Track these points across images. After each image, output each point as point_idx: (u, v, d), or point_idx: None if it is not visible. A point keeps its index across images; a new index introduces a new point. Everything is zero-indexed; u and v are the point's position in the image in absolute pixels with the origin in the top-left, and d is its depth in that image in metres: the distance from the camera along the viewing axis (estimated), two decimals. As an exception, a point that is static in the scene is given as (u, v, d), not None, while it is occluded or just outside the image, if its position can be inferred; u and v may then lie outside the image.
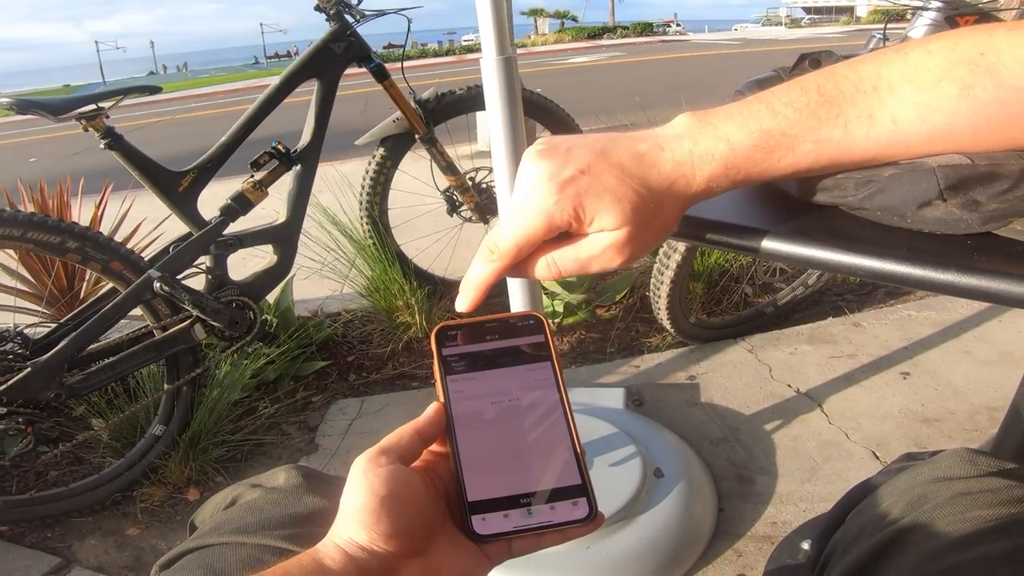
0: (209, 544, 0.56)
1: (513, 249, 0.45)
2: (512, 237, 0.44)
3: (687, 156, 0.44)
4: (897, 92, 0.41)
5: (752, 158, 0.43)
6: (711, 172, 0.44)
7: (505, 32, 1.19)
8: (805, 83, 0.43)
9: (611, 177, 0.43)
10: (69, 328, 1.61)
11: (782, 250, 0.47)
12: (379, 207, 2.29)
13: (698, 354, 2.07)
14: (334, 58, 1.92)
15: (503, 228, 0.45)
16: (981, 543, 0.48)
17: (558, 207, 0.43)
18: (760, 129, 0.43)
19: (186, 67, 56.14)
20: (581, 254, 0.45)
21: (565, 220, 0.43)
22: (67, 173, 2.44)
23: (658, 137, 0.45)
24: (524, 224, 0.44)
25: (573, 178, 0.43)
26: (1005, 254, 0.40)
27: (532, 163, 0.45)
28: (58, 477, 1.80)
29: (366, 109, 7.11)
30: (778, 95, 0.44)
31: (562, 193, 0.43)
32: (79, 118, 1.60)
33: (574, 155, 0.44)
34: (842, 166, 0.45)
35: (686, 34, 32.35)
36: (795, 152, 0.43)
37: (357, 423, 1.94)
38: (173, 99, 15.62)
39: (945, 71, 0.40)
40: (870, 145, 0.42)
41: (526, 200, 0.44)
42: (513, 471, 0.45)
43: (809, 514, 1.42)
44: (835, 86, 0.42)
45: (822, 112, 0.42)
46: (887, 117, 0.41)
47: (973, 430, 1.63)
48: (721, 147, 0.43)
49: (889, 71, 0.42)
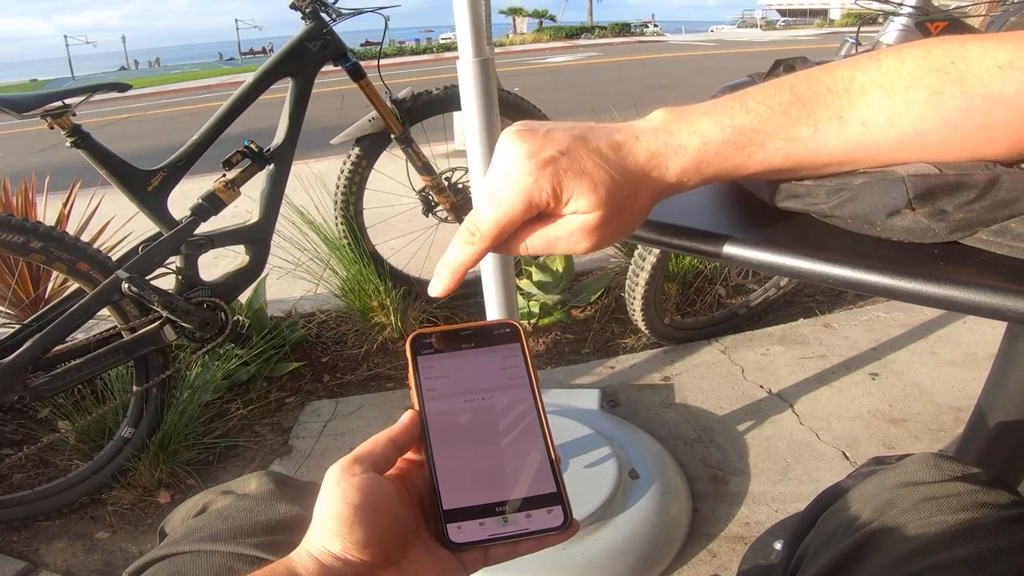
0: (179, 552, 0.55)
1: (495, 231, 0.45)
2: (493, 218, 0.44)
3: (662, 148, 0.44)
4: (868, 95, 0.42)
5: (723, 153, 0.44)
6: (683, 165, 0.44)
7: (482, 34, 1.18)
8: (779, 84, 0.44)
9: (589, 161, 0.43)
10: (33, 329, 1.58)
11: (752, 257, 0.47)
12: (354, 207, 2.27)
13: (672, 355, 2.09)
14: (309, 56, 1.90)
15: (482, 210, 0.45)
16: (946, 548, 0.49)
17: (537, 186, 0.43)
18: (732, 125, 0.44)
19: (158, 62, 55.24)
20: (550, 233, 0.45)
21: (544, 199, 0.43)
22: (32, 170, 2.38)
23: (635, 129, 0.46)
24: (504, 203, 0.44)
25: (553, 158, 0.43)
26: (970, 263, 0.41)
27: (510, 143, 0.44)
28: (23, 480, 1.76)
29: (342, 108, 7.05)
30: (752, 94, 0.45)
31: (541, 172, 0.43)
32: (44, 116, 1.56)
33: (553, 136, 0.44)
34: (812, 167, 0.45)
35: (663, 35, 32.57)
36: (765, 149, 0.44)
37: (332, 424, 1.92)
38: (144, 95, 15.35)
39: (915, 77, 0.41)
40: (839, 146, 0.43)
41: (505, 179, 0.44)
42: (488, 479, 0.45)
43: (781, 514, 1.44)
44: (808, 87, 0.43)
45: (794, 111, 0.43)
46: (857, 119, 0.42)
47: (939, 430, 1.66)
48: (694, 141, 0.44)
49: (862, 76, 0.43)
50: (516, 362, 0.48)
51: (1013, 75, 0.39)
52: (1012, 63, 0.39)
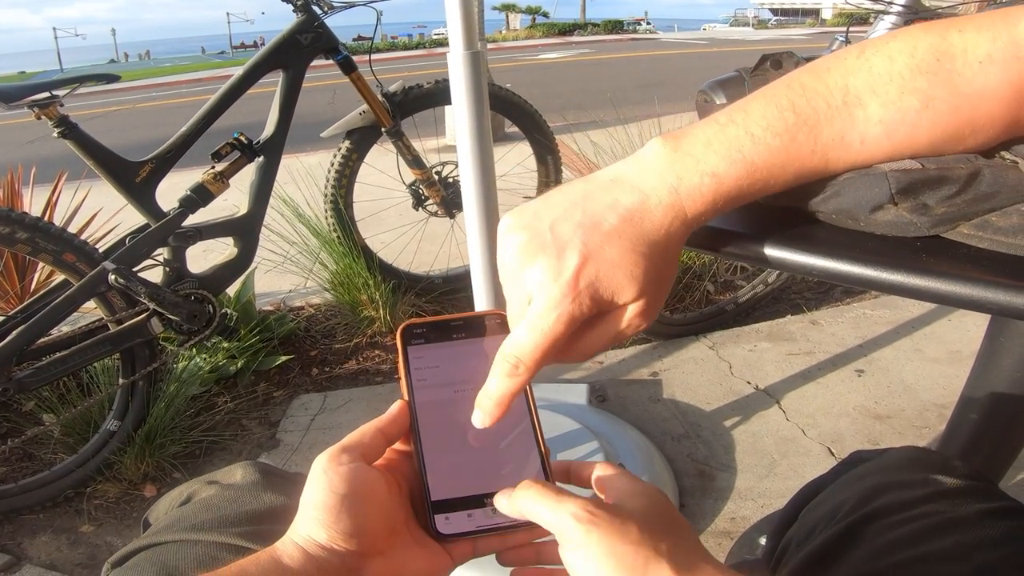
0: (163, 542, 0.55)
1: (540, 358, 0.41)
2: (535, 345, 0.41)
3: (675, 199, 0.41)
4: (865, 107, 0.41)
5: (740, 187, 0.42)
6: (701, 210, 0.42)
7: (473, 27, 1.18)
8: (778, 102, 0.42)
9: (614, 252, 0.40)
10: (18, 321, 1.56)
11: (739, 251, 0.47)
12: (344, 200, 2.26)
13: (661, 351, 2.10)
14: (300, 49, 1.89)
15: (521, 339, 0.41)
16: (927, 540, 0.49)
17: (576, 304, 0.40)
18: (743, 159, 0.41)
19: (148, 55, 54.79)
20: (608, 334, 0.43)
21: (586, 314, 0.41)
22: (19, 162, 2.36)
23: (636, 181, 0.42)
24: (544, 329, 0.40)
25: (579, 271, 0.40)
26: (951, 256, 0.41)
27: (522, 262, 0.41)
28: (7, 473, 1.75)
29: (333, 101, 7.02)
30: (754, 117, 0.42)
31: (575, 291, 0.40)
32: (31, 106, 1.55)
33: (561, 237, 0.41)
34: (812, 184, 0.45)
35: (656, 33, 32.63)
36: (777, 180, 0.42)
37: (320, 418, 1.92)
38: (134, 87, 15.23)
39: (907, 81, 0.41)
40: (840, 167, 0.43)
41: (538, 306, 0.41)
42: (477, 470, 0.45)
43: (767, 510, 1.45)
44: (807, 103, 0.41)
45: (801, 137, 0.41)
46: (857, 138, 0.42)
47: (923, 427, 1.68)
48: (707, 182, 0.41)
49: (855, 82, 0.41)
50: None
51: (993, 69, 0.39)
52: (991, 56, 0.39)
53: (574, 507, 0.39)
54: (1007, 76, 0.39)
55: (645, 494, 0.42)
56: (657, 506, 0.41)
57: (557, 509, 0.39)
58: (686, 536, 0.40)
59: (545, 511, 0.40)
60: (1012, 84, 0.39)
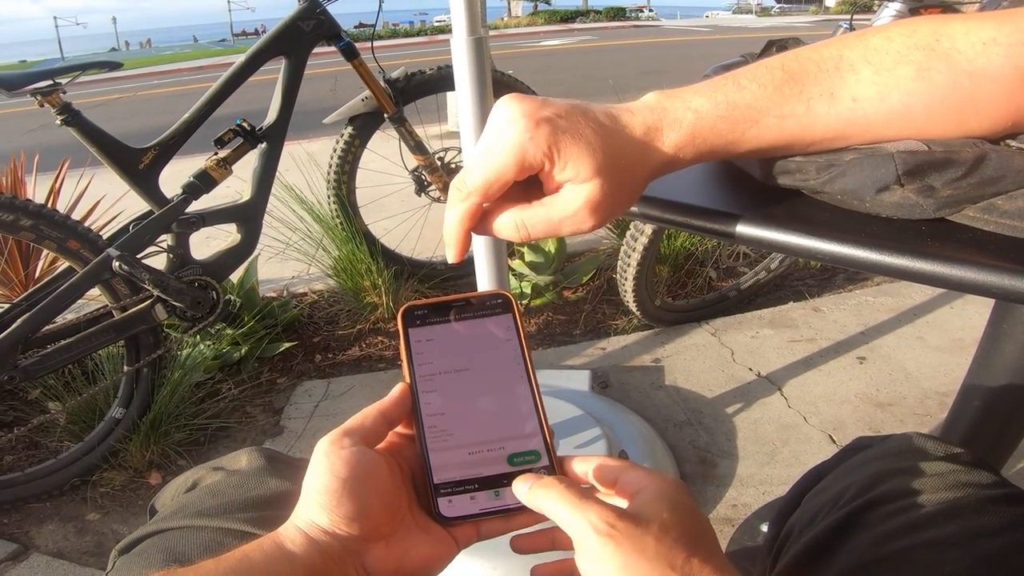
0: (169, 528, 0.55)
1: (483, 185, 0.43)
2: (482, 173, 0.43)
3: (657, 122, 0.44)
4: (857, 72, 0.43)
5: (717, 128, 0.44)
6: (679, 139, 0.44)
7: (476, 12, 1.17)
8: (769, 64, 0.45)
9: (587, 127, 0.43)
10: (23, 308, 1.57)
11: (746, 233, 0.47)
12: (347, 186, 2.26)
13: (663, 337, 2.10)
14: (303, 36, 1.88)
15: (472, 167, 0.44)
16: (930, 527, 0.49)
17: (533, 143, 0.42)
18: (726, 101, 0.44)
19: (149, 44, 54.59)
20: (553, 214, 0.44)
21: (538, 158, 0.42)
22: (22, 149, 2.36)
23: (630, 105, 0.46)
24: (495, 159, 0.43)
25: (549, 119, 0.42)
26: (957, 240, 0.41)
27: (505, 105, 0.43)
28: (13, 462, 1.76)
29: (335, 88, 7.00)
30: (743, 73, 0.45)
31: (538, 130, 0.42)
32: (34, 94, 1.55)
33: (550, 103, 0.43)
34: (804, 144, 0.46)
35: (658, 20, 32.40)
36: (759, 126, 0.44)
37: (323, 405, 1.92)
38: (135, 75, 15.19)
39: (903, 55, 0.42)
40: (831, 122, 0.44)
41: (499, 138, 0.43)
42: (480, 452, 0.45)
43: (768, 496, 1.46)
44: (798, 65, 0.44)
45: (786, 88, 0.44)
46: (848, 95, 0.43)
47: (924, 415, 1.68)
48: (689, 116, 0.44)
49: (850, 53, 0.43)
50: (509, 334, 0.47)
51: (997, 51, 0.39)
52: (995, 39, 0.39)
53: (594, 516, 0.38)
54: (1012, 60, 0.39)
55: (668, 499, 0.41)
56: (678, 513, 0.40)
57: (577, 515, 0.39)
58: (705, 546, 0.39)
59: (565, 514, 0.40)
60: (1017, 68, 0.39)
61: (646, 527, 0.38)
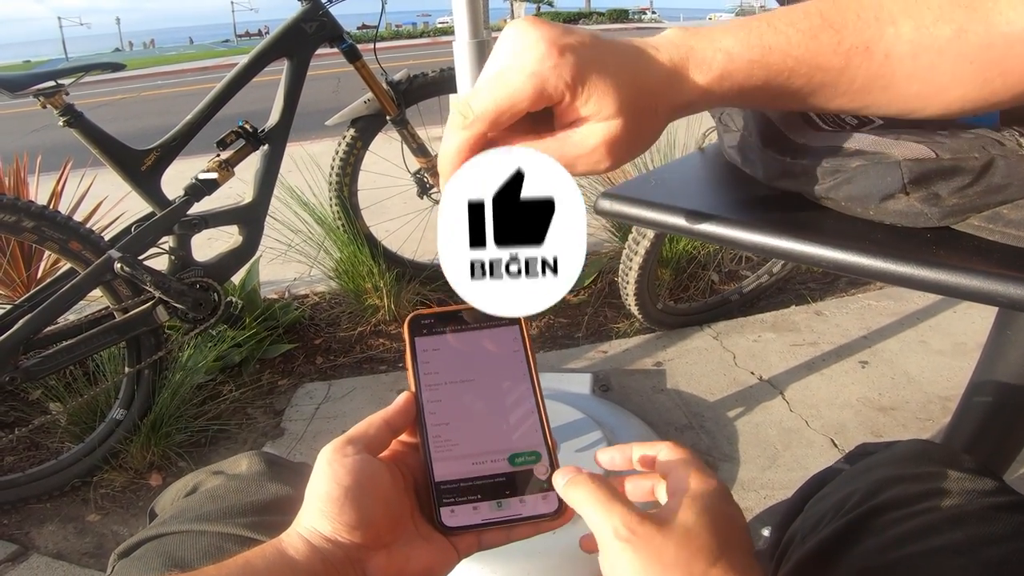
0: (169, 532, 0.55)
1: (492, 112, 0.39)
2: (492, 98, 0.39)
3: (683, 60, 0.41)
4: (897, 25, 0.40)
5: (751, 72, 0.41)
6: (706, 82, 0.41)
7: (479, 15, 1.17)
8: (807, 8, 0.42)
9: (612, 60, 0.39)
10: (25, 310, 1.57)
11: (749, 240, 0.47)
12: (348, 188, 2.26)
13: (665, 340, 2.10)
14: (305, 37, 1.88)
15: (481, 90, 0.39)
16: (934, 534, 0.49)
17: (555, 72, 0.38)
18: (761, 44, 0.41)
19: (153, 44, 54.74)
20: (567, 151, 0.40)
21: (560, 89, 0.38)
22: (24, 150, 2.36)
23: (652, 40, 0.42)
24: (509, 85, 0.38)
25: (574, 46, 0.38)
26: (962, 249, 0.41)
27: (523, 28, 0.39)
28: (14, 463, 1.76)
29: (337, 90, 7.00)
30: (780, 15, 0.42)
31: (562, 58, 0.38)
32: (37, 95, 1.55)
33: (573, 30, 0.39)
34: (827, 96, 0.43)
35: (661, 22, 32.43)
36: (793, 74, 0.41)
37: (324, 407, 1.92)
38: (139, 76, 15.24)
39: (944, 12, 0.40)
40: (858, 77, 0.42)
41: (515, 60, 0.38)
42: (483, 463, 0.45)
43: (769, 500, 1.45)
44: (838, 12, 0.41)
45: (824, 36, 0.41)
46: (882, 51, 0.41)
47: (926, 419, 1.67)
48: (719, 57, 0.41)
49: (891, 4, 0.41)
50: (515, 345, 0.47)
51: None
52: None
53: (617, 520, 0.38)
54: None
55: (701, 504, 0.40)
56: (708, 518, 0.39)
57: (602, 516, 0.39)
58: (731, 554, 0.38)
59: (592, 513, 0.40)
60: None
61: (668, 533, 0.38)
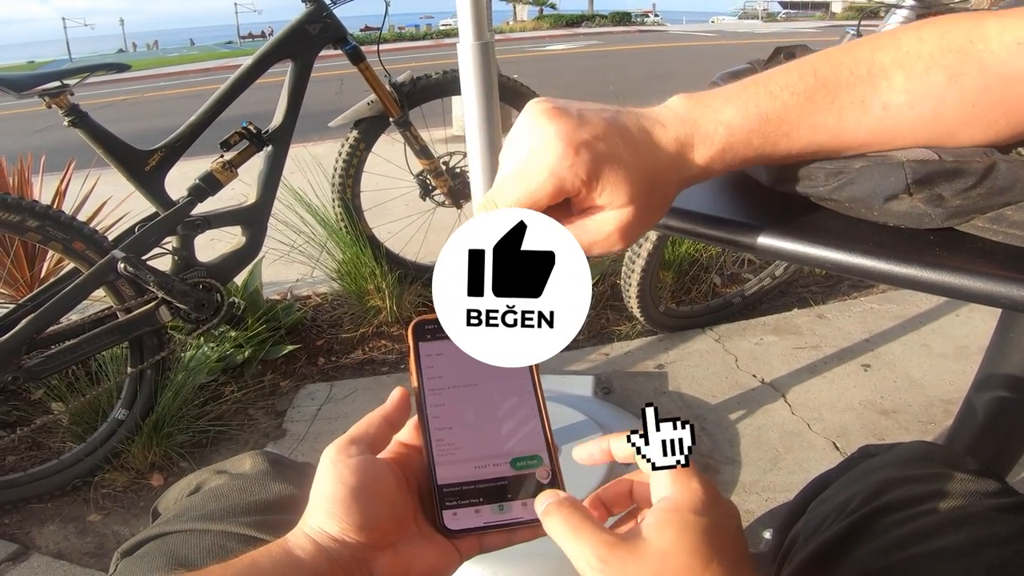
0: (172, 531, 0.55)
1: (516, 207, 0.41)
2: (514, 195, 0.41)
3: (689, 136, 0.43)
4: (889, 77, 0.41)
5: (750, 142, 0.43)
6: (710, 154, 0.43)
7: (483, 17, 1.18)
8: (801, 67, 0.43)
9: (624, 150, 0.41)
10: (28, 309, 1.57)
11: (752, 242, 0.47)
12: (351, 190, 2.26)
13: (667, 343, 2.10)
14: (309, 39, 1.88)
15: (505, 185, 0.42)
16: (937, 536, 0.49)
17: (572, 171, 0.40)
18: (758, 113, 0.43)
19: (156, 45, 54.89)
20: (585, 237, 0.42)
21: (576, 185, 0.40)
22: (29, 150, 2.37)
23: (659, 115, 0.44)
24: (531, 182, 0.40)
25: (589, 143, 0.40)
26: (965, 250, 0.41)
27: (540, 120, 0.41)
28: (16, 462, 1.76)
29: (340, 91, 7.02)
30: (775, 78, 0.43)
31: (577, 157, 0.40)
32: (42, 95, 1.56)
33: (587, 119, 0.41)
34: (831, 151, 0.45)
35: (664, 24, 32.44)
36: (790, 137, 0.43)
37: (326, 408, 1.92)
38: (142, 77, 15.27)
39: (935, 59, 0.41)
40: (860, 131, 0.43)
41: (535, 159, 0.40)
42: (486, 467, 0.45)
43: (771, 503, 1.45)
44: (831, 70, 0.43)
45: (818, 96, 0.42)
46: (878, 103, 0.42)
47: (929, 422, 1.67)
48: (720, 131, 0.43)
49: (883, 56, 0.42)
50: None
51: None
52: None
53: (588, 550, 0.38)
54: None
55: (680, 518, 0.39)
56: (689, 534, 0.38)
57: (575, 547, 0.39)
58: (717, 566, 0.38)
59: (566, 544, 0.40)
60: None
61: (642, 558, 0.37)
